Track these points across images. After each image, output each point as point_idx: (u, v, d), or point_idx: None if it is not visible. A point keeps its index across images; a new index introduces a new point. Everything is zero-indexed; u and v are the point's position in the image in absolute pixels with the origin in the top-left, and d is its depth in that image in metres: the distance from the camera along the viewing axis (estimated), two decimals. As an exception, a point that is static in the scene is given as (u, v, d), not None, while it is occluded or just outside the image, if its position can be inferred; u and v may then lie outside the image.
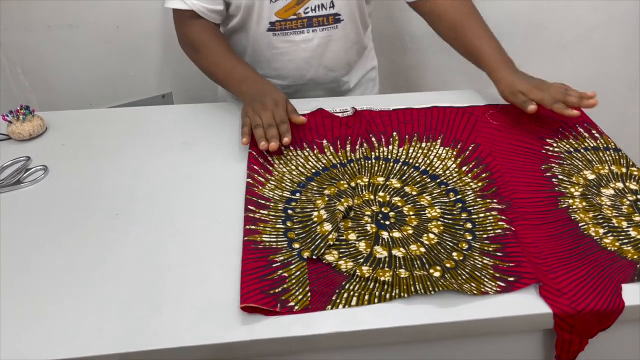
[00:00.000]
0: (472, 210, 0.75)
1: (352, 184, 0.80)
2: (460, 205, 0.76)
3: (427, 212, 0.75)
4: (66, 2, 1.26)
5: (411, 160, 0.85)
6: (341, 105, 0.96)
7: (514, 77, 0.92)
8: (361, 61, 1.14)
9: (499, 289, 0.63)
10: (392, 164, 0.84)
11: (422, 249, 0.69)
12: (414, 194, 0.78)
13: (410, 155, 0.86)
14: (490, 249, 0.69)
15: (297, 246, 0.69)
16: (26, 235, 0.71)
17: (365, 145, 0.87)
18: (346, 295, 0.62)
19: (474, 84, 1.53)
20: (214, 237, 0.71)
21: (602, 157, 0.86)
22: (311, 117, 0.93)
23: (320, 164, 0.84)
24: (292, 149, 0.87)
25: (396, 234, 0.71)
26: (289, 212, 0.74)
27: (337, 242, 0.70)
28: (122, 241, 0.70)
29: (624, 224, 0.73)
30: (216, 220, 0.73)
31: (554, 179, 0.81)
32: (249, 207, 0.74)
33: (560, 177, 0.81)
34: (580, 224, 0.72)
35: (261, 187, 0.78)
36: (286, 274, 0.65)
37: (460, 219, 0.74)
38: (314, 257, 0.67)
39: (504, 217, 0.73)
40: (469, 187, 0.79)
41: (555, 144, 0.89)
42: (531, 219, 0.73)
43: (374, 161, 0.85)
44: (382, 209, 0.76)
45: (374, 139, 0.89)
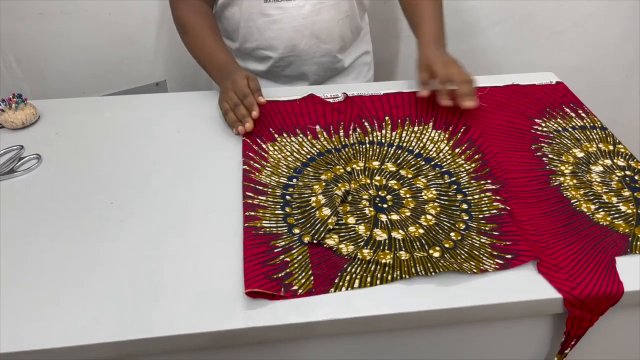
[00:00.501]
0: (467, 192, 0.77)
1: (347, 169, 0.81)
2: (455, 187, 0.78)
3: (423, 194, 0.77)
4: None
5: (405, 143, 0.86)
6: (332, 91, 0.97)
7: (432, 53, 0.94)
8: (356, 42, 1.14)
9: (497, 266, 0.64)
10: (386, 148, 0.85)
11: (421, 230, 0.71)
12: (410, 176, 0.80)
13: (403, 139, 0.87)
14: (487, 229, 0.70)
15: (297, 231, 0.69)
16: (20, 224, 0.71)
17: (358, 130, 0.88)
18: (348, 277, 0.63)
19: (475, 69, 1.54)
20: (209, 225, 0.71)
21: (590, 135, 0.88)
22: (302, 103, 0.94)
23: (314, 149, 0.85)
24: (285, 135, 0.87)
25: (394, 217, 0.73)
26: (287, 197, 0.75)
27: (337, 227, 0.71)
28: (117, 230, 0.70)
29: (614, 200, 0.75)
30: (212, 209, 0.73)
31: (544, 158, 0.83)
32: (247, 193, 0.75)
33: (550, 156, 0.83)
34: (572, 201, 0.75)
35: (258, 173, 0.79)
36: (288, 259, 0.65)
37: (456, 200, 0.75)
38: (314, 241, 0.68)
39: (498, 197, 0.74)
40: (463, 169, 0.81)
41: (543, 124, 0.91)
42: (525, 198, 0.75)
43: (368, 146, 0.86)
44: (379, 193, 0.77)
45: (366, 124, 0.90)
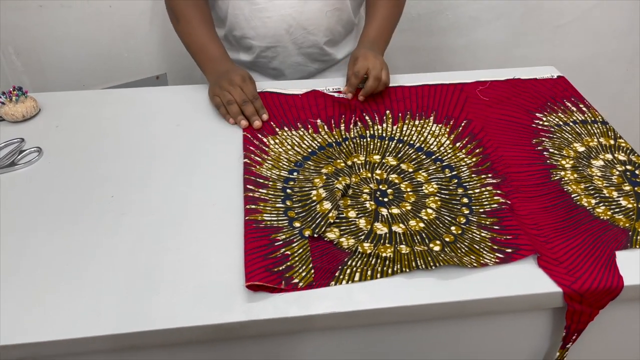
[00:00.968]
0: (467, 186, 0.77)
1: (348, 163, 0.81)
2: (456, 181, 0.78)
3: (424, 188, 0.76)
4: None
5: (406, 137, 0.86)
6: (333, 85, 0.97)
7: (362, 50, 0.96)
8: (349, 38, 1.13)
9: (497, 260, 0.64)
10: (387, 142, 0.85)
11: (422, 224, 0.70)
12: (410, 170, 0.80)
13: (404, 132, 0.87)
14: (487, 223, 0.70)
15: (298, 225, 0.69)
16: (21, 216, 0.71)
17: (359, 123, 0.88)
18: (349, 271, 0.63)
19: (476, 64, 1.53)
20: (209, 218, 0.71)
21: (591, 129, 0.88)
22: (304, 98, 0.94)
23: (315, 143, 0.85)
24: (286, 129, 0.87)
25: (395, 211, 0.73)
26: (288, 191, 0.75)
27: (338, 220, 0.70)
28: (117, 223, 0.70)
29: (615, 194, 0.75)
30: (212, 202, 0.73)
31: (545, 152, 0.83)
32: (248, 186, 0.74)
33: (551, 150, 0.83)
34: (573, 195, 0.74)
35: (258, 166, 0.79)
36: (289, 252, 0.65)
37: (456, 194, 0.75)
38: (315, 235, 0.68)
39: (499, 192, 0.74)
40: (464, 163, 0.81)
41: (544, 118, 0.90)
42: (526, 192, 0.75)
43: (369, 139, 0.85)
44: (380, 187, 0.77)
45: (367, 117, 0.90)
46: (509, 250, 0.66)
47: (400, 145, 0.84)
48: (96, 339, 0.57)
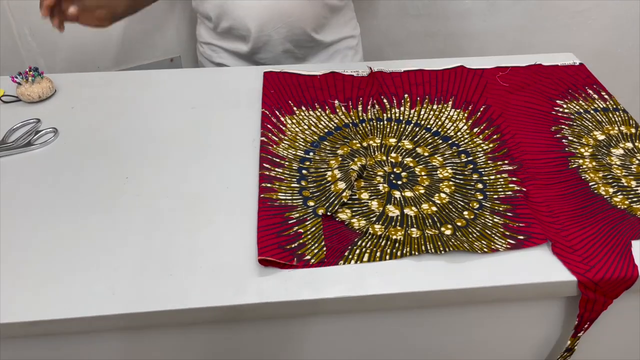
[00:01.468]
0: (483, 172, 0.76)
1: (364, 144, 0.80)
2: (471, 166, 0.77)
3: (438, 172, 0.76)
4: (73, -40, 1.22)
5: (423, 121, 0.85)
6: (353, 68, 0.96)
7: None
8: (336, 22, 1.11)
9: (509, 246, 0.64)
10: (404, 126, 0.84)
11: (434, 208, 0.70)
12: (426, 155, 0.79)
13: (422, 116, 0.86)
14: (500, 209, 0.70)
15: (311, 204, 0.70)
16: (38, 196, 0.71)
17: (377, 106, 0.88)
18: (358, 251, 0.63)
19: (493, 50, 1.50)
20: (224, 200, 0.71)
21: (612, 118, 0.86)
22: (322, 78, 0.93)
23: (332, 123, 0.84)
24: (304, 109, 0.87)
25: (408, 194, 0.72)
26: (304, 172, 0.75)
27: (350, 202, 0.70)
28: (132, 204, 0.70)
29: (633, 183, 0.74)
30: (226, 184, 0.73)
31: (564, 140, 0.81)
32: (264, 165, 0.75)
33: (570, 138, 0.82)
34: (590, 184, 0.73)
35: (275, 145, 0.79)
36: (302, 230, 0.66)
37: (471, 179, 0.75)
38: (328, 213, 0.68)
39: (515, 179, 0.73)
40: (481, 149, 0.80)
41: (565, 105, 0.89)
42: (542, 179, 0.74)
43: (385, 122, 0.85)
44: (394, 170, 0.76)
45: (385, 101, 0.89)
46: (521, 237, 0.65)
47: (417, 129, 0.84)
48: (111, 317, 0.58)
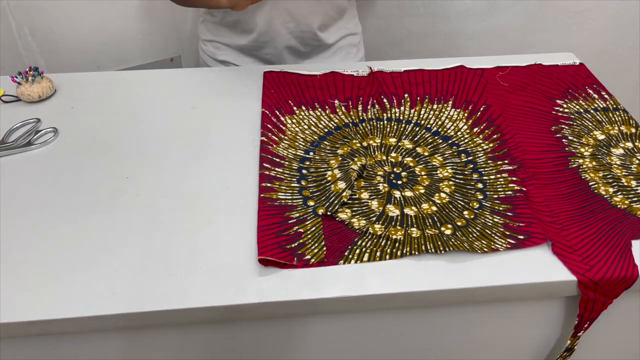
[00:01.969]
0: (483, 171, 0.76)
1: (364, 144, 0.80)
2: (471, 166, 0.77)
3: (438, 172, 0.76)
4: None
5: (423, 121, 0.85)
6: (353, 67, 0.96)
7: None
8: (340, 21, 1.11)
9: (509, 246, 0.64)
10: (404, 125, 0.84)
11: (434, 208, 0.70)
12: (426, 154, 0.79)
13: (422, 116, 0.86)
14: (500, 209, 0.70)
15: (312, 203, 0.70)
16: (38, 196, 0.71)
17: (377, 106, 0.88)
18: (358, 251, 0.63)
19: (493, 50, 1.49)
20: (223, 200, 0.71)
21: (612, 117, 0.86)
22: (322, 78, 0.93)
23: (332, 123, 0.84)
24: (304, 108, 0.87)
25: (408, 193, 0.72)
26: (304, 171, 0.75)
27: (350, 201, 0.70)
28: (132, 204, 0.70)
29: (633, 183, 0.74)
30: (226, 184, 0.73)
31: (564, 140, 0.81)
32: (264, 164, 0.75)
33: (570, 137, 0.82)
34: (590, 183, 0.73)
35: (275, 145, 0.79)
36: (302, 230, 0.66)
37: (471, 179, 0.75)
38: (328, 213, 0.68)
39: (515, 179, 0.73)
40: (481, 148, 0.80)
41: (565, 105, 0.89)
42: (542, 179, 0.74)
43: (385, 122, 0.85)
44: (394, 169, 0.76)
45: (385, 100, 0.89)
46: (521, 237, 0.65)
47: (417, 128, 0.84)
48: (111, 317, 0.58)
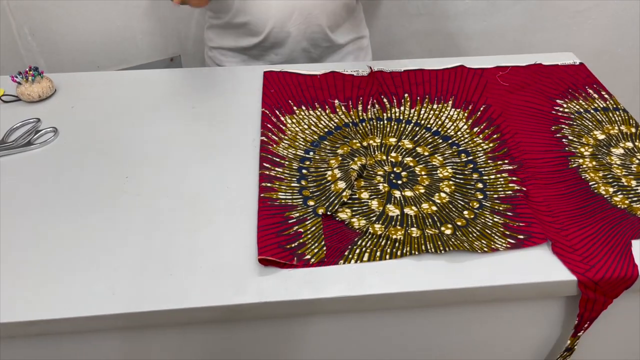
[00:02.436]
0: (483, 171, 0.76)
1: (364, 144, 0.80)
2: (471, 166, 0.77)
3: (438, 172, 0.76)
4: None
5: (423, 121, 0.85)
6: (353, 67, 0.96)
7: None
8: (350, 23, 1.11)
9: (509, 245, 0.64)
10: (404, 125, 0.84)
11: (434, 208, 0.70)
12: (426, 154, 0.79)
13: (422, 116, 0.86)
14: (500, 209, 0.70)
15: (312, 203, 0.70)
16: (37, 195, 0.71)
17: (377, 105, 0.88)
18: (358, 251, 0.64)
19: (493, 49, 1.50)
20: (223, 201, 0.71)
21: (612, 117, 0.86)
22: (322, 78, 0.93)
23: (332, 123, 0.84)
24: (304, 108, 0.87)
25: (408, 193, 0.72)
26: (304, 171, 0.75)
27: (350, 201, 0.70)
28: (132, 203, 0.70)
29: (633, 183, 0.74)
30: (226, 184, 0.73)
31: (564, 140, 0.81)
32: (264, 164, 0.75)
33: (570, 137, 0.82)
34: (590, 183, 0.73)
35: (275, 145, 0.79)
36: (302, 230, 0.66)
37: (471, 179, 0.75)
38: (328, 213, 0.68)
39: (515, 179, 0.73)
40: (481, 148, 0.80)
41: (565, 105, 0.89)
42: (542, 179, 0.74)
43: (385, 122, 0.85)
44: (394, 169, 0.76)
45: (385, 100, 0.89)
46: (521, 236, 0.65)
47: (417, 128, 0.84)
48: (111, 317, 0.58)
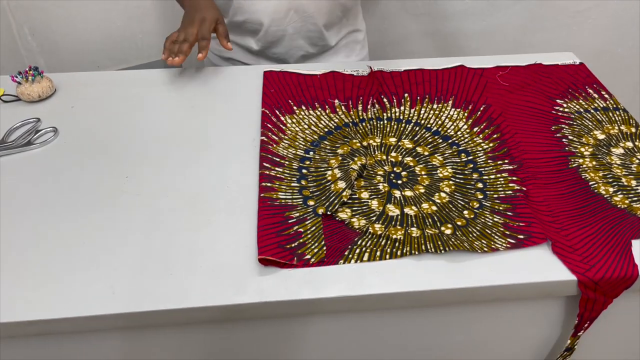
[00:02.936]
0: (483, 171, 0.76)
1: (364, 144, 0.80)
2: (471, 166, 0.77)
3: (438, 172, 0.76)
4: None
5: (423, 121, 0.85)
6: (353, 67, 0.96)
7: None
8: (345, 21, 1.11)
9: (509, 245, 0.64)
10: (404, 125, 0.84)
11: (434, 207, 0.70)
12: (426, 154, 0.79)
13: (422, 116, 0.86)
14: (500, 208, 0.70)
15: (312, 203, 0.70)
16: (38, 196, 0.71)
17: (377, 105, 0.88)
18: (358, 250, 0.64)
19: (493, 49, 1.50)
20: (223, 200, 0.71)
21: (612, 117, 0.86)
22: (322, 78, 0.93)
23: (332, 123, 0.84)
24: (304, 108, 0.87)
25: (408, 193, 0.72)
26: (304, 171, 0.75)
27: (350, 201, 0.70)
28: (132, 203, 0.70)
29: (633, 183, 0.74)
30: (226, 183, 0.73)
31: (564, 139, 0.81)
32: (264, 164, 0.75)
33: (570, 137, 0.82)
34: (590, 183, 0.73)
35: (275, 145, 0.79)
36: (302, 230, 0.66)
37: (471, 179, 0.75)
38: (328, 213, 0.68)
39: (515, 178, 0.73)
40: (481, 148, 0.80)
41: (565, 105, 0.89)
42: (542, 179, 0.74)
43: (385, 122, 0.85)
44: (395, 169, 0.76)
45: (385, 100, 0.89)
46: (521, 236, 0.65)
47: (417, 128, 0.84)
48: (111, 316, 0.58)
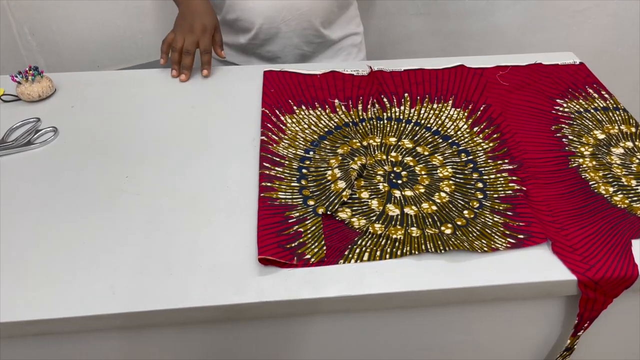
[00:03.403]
0: (483, 171, 0.76)
1: (364, 143, 0.80)
2: (471, 165, 0.77)
3: (438, 171, 0.76)
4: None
5: (423, 121, 0.85)
6: (353, 67, 0.96)
7: None
8: (343, 19, 1.10)
9: (509, 245, 0.64)
10: (404, 125, 0.84)
11: (434, 207, 0.70)
12: (426, 154, 0.79)
13: (422, 116, 0.86)
14: (500, 208, 0.70)
15: (312, 203, 0.70)
16: (38, 196, 0.71)
17: (377, 105, 0.88)
18: (358, 250, 0.64)
19: (493, 49, 1.50)
20: (223, 199, 0.71)
21: (612, 117, 0.86)
22: (322, 78, 0.93)
23: (332, 122, 0.84)
24: (304, 108, 0.87)
25: (408, 193, 0.72)
26: (304, 171, 0.75)
27: (350, 201, 0.70)
28: (132, 203, 0.70)
29: (633, 183, 0.74)
30: (226, 183, 0.73)
31: (564, 139, 0.81)
32: (264, 164, 0.75)
33: (570, 137, 0.82)
34: (590, 183, 0.73)
35: (275, 144, 0.79)
36: (302, 229, 0.66)
37: (471, 179, 0.75)
38: (328, 212, 0.68)
39: (515, 178, 0.73)
40: (481, 148, 0.80)
41: (565, 105, 0.89)
42: (542, 178, 0.74)
43: (385, 122, 0.85)
44: (395, 169, 0.76)
45: (385, 100, 0.89)
46: (521, 236, 0.65)
47: (417, 128, 0.84)
48: (111, 316, 0.58)
